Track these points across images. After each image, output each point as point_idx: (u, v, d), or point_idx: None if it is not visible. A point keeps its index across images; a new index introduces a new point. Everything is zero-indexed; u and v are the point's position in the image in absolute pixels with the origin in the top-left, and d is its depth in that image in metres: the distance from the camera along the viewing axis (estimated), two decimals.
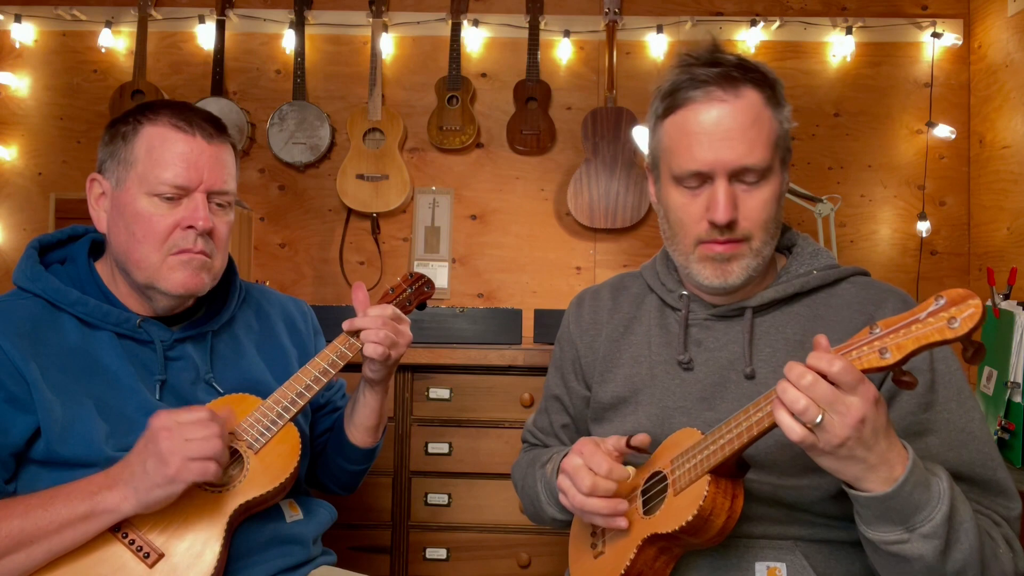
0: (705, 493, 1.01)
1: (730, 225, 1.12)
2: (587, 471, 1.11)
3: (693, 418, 1.19)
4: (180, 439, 1.11)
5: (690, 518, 1.02)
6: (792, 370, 0.92)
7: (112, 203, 1.29)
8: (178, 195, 1.26)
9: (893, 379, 0.90)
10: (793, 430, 0.91)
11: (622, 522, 1.11)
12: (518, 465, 1.45)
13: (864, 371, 0.89)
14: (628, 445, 1.13)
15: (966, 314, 0.83)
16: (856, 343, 0.90)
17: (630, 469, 1.12)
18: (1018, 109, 2.51)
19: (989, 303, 2.20)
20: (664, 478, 1.11)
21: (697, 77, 1.13)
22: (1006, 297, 2.17)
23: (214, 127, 1.30)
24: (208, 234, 1.28)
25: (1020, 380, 2.01)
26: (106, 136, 1.31)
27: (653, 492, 1.13)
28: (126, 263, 1.28)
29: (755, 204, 1.13)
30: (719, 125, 1.11)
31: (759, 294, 1.20)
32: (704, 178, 1.13)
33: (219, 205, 1.30)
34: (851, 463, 0.93)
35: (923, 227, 2.77)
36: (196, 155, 1.26)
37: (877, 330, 0.89)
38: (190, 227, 1.26)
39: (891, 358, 0.86)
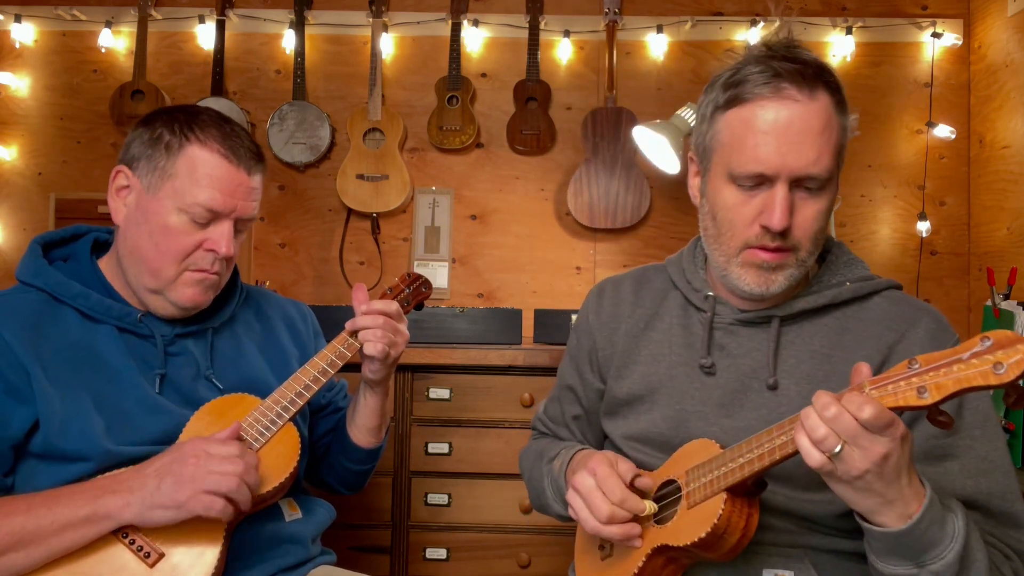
0: (720, 511, 0.99)
1: (783, 233, 1.07)
2: (603, 498, 1.08)
3: (710, 423, 1.16)
4: (204, 470, 1.12)
5: (703, 535, 1.00)
6: (819, 399, 0.89)
7: (138, 204, 1.28)
8: (208, 219, 1.27)
9: (928, 417, 0.87)
10: (811, 455, 0.89)
11: (637, 542, 1.09)
12: (526, 455, 1.43)
13: (899, 408, 0.85)
14: (631, 485, 1.10)
15: (1013, 360, 0.78)
16: (893, 377, 0.86)
17: (647, 503, 1.09)
18: (1018, 109, 2.51)
19: (989, 303, 2.20)
20: (678, 488, 1.09)
21: (771, 70, 1.05)
22: (1006, 297, 2.17)
23: (256, 158, 1.31)
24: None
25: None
26: (145, 133, 1.28)
27: (667, 502, 1.11)
28: (139, 265, 1.28)
29: (810, 214, 1.08)
30: (791, 127, 1.04)
31: (789, 303, 1.16)
32: (763, 180, 1.07)
33: (239, 230, 1.32)
34: (867, 495, 0.90)
35: (923, 227, 2.76)
36: (235, 185, 1.27)
37: (916, 365, 0.84)
38: (212, 250, 1.27)
39: (929, 399, 0.82)
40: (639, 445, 1.23)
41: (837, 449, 0.87)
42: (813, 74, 1.06)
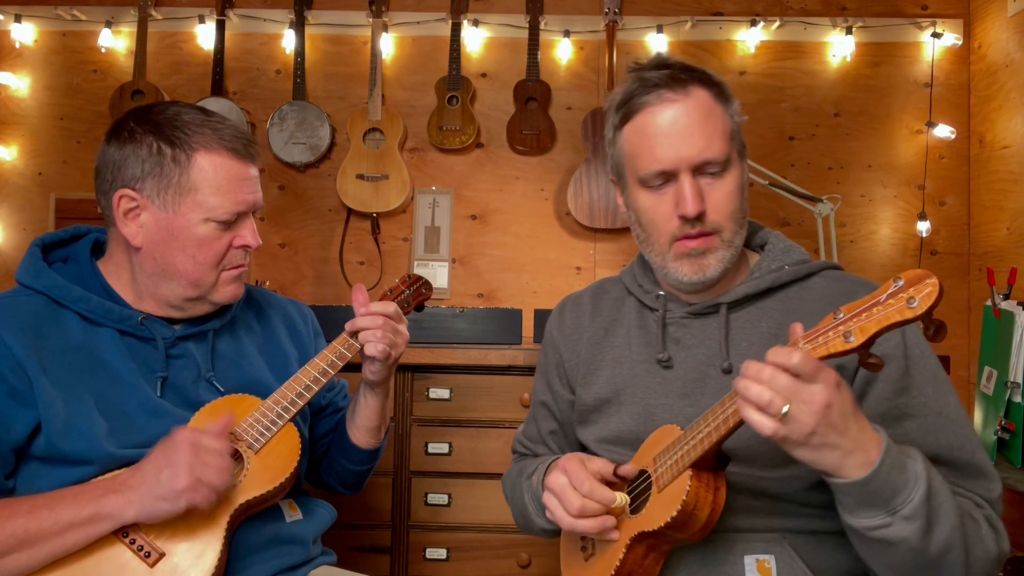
0: (687, 488, 1.03)
1: (700, 217, 1.15)
2: (574, 492, 1.13)
3: (675, 414, 1.20)
4: (200, 460, 1.13)
5: (675, 513, 1.03)
6: (749, 368, 0.94)
7: (157, 224, 1.27)
8: (234, 220, 1.30)
9: (860, 362, 0.92)
10: (764, 425, 0.92)
11: (614, 534, 1.13)
12: (507, 476, 1.46)
13: (831, 355, 0.90)
14: (615, 474, 1.14)
15: (924, 293, 0.85)
16: (822, 329, 0.92)
17: (618, 495, 1.12)
18: (1018, 109, 2.51)
19: (989, 303, 2.20)
20: (648, 476, 1.12)
21: (648, 81, 1.17)
22: (1006, 297, 2.17)
23: (250, 143, 1.32)
24: None
25: (1020, 380, 2.01)
26: (143, 150, 1.25)
27: (639, 491, 1.14)
28: (177, 280, 1.29)
29: (720, 195, 1.17)
30: (676, 123, 1.15)
31: (733, 290, 1.23)
32: (668, 176, 1.17)
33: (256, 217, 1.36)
34: (826, 451, 0.94)
35: (923, 227, 2.77)
36: (251, 181, 1.31)
37: (841, 315, 0.91)
38: (244, 246, 1.31)
39: (855, 341, 0.89)
40: (612, 447, 1.27)
41: (785, 410, 0.91)
42: (683, 76, 1.18)
